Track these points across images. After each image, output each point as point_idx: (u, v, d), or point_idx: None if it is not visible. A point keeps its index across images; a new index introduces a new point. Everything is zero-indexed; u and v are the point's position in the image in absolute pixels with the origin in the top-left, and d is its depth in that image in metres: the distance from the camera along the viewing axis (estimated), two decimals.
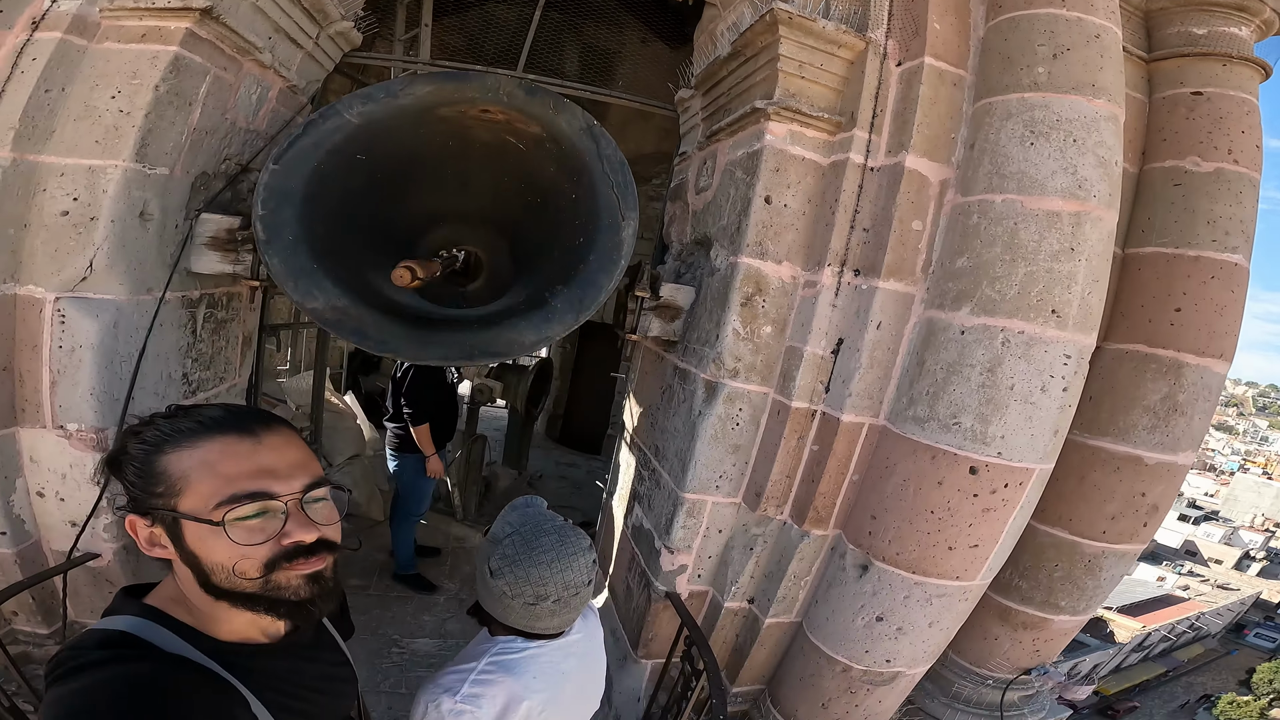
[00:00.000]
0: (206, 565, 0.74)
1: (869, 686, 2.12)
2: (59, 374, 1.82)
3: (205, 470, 0.73)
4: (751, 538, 2.23)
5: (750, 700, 2.51)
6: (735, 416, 2.16)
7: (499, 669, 1.25)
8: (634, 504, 2.71)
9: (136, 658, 0.69)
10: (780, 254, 2.06)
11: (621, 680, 2.63)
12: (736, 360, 2.11)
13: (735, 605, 2.32)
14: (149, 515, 0.75)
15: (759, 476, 2.19)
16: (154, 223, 1.94)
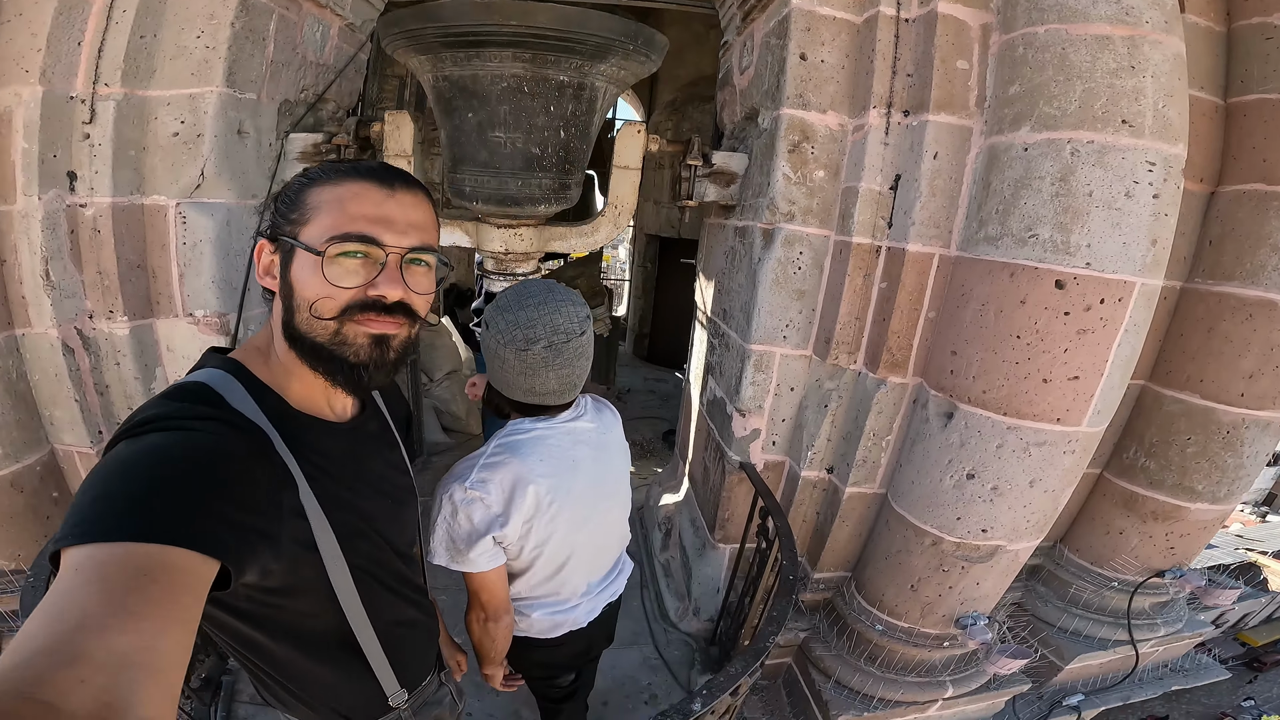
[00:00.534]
0: (296, 300, 0.77)
1: (964, 563, 1.97)
2: (185, 266, 2.13)
3: (334, 205, 0.76)
4: (825, 393, 2.17)
5: (834, 587, 2.44)
6: (796, 260, 2.10)
7: (505, 450, 1.28)
8: (707, 378, 2.72)
9: (201, 425, 0.68)
10: (824, 104, 2.03)
11: (700, 569, 2.68)
12: (790, 204, 2.07)
13: (813, 475, 2.28)
14: (276, 242, 0.79)
15: (827, 322, 2.10)
16: (250, 139, 2.21)
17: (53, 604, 0.47)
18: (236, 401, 0.75)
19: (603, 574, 1.56)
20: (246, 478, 0.67)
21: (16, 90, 1.80)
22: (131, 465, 0.60)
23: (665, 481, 3.44)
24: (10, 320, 1.94)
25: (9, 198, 1.86)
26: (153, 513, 0.55)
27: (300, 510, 0.78)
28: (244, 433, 0.72)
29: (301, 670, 0.89)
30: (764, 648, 1.51)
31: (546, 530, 1.31)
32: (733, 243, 2.43)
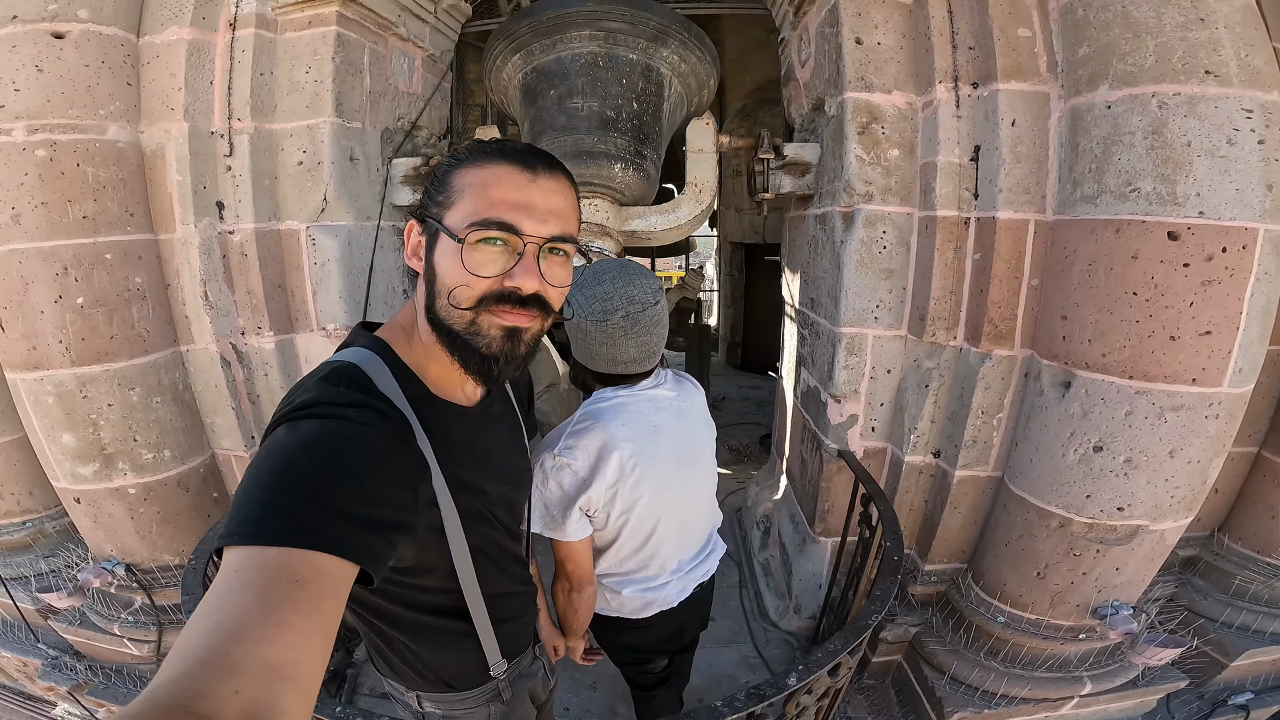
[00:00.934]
0: (438, 285, 0.78)
1: (1099, 546, 1.82)
2: (317, 284, 2.41)
3: (478, 190, 0.75)
4: (925, 373, 2.12)
5: (948, 579, 2.32)
6: (880, 240, 2.10)
7: (589, 418, 1.35)
8: (800, 370, 2.71)
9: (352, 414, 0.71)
10: (888, 84, 2.07)
11: (801, 565, 2.65)
12: (867, 184, 2.08)
13: (918, 459, 2.21)
14: (423, 223, 0.80)
15: (920, 299, 2.06)
16: (361, 165, 2.49)
17: (213, 608, 0.52)
18: (383, 385, 0.77)
19: (692, 552, 1.57)
20: (390, 473, 0.71)
21: (165, 127, 2.12)
22: (290, 462, 0.64)
23: (763, 481, 3.42)
24: (176, 337, 2.28)
25: (169, 227, 2.19)
26: (306, 518, 0.59)
27: (433, 499, 0.82)
28: (389, 421, 0.74)
29: (414, 639, 0.95)
30: (866, 625, 1.46)
31: (631, 496, 1.35)
32: (814, 231, 2.45)
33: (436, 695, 1.03)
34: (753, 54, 5.54)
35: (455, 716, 1.06)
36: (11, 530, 2.64)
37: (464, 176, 0.77)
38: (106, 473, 2.16)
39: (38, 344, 1.98)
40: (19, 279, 1.93)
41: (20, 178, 1.88)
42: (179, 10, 2.08)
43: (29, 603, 2.64)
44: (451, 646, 0.98)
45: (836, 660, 1.37)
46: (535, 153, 0.79)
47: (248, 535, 0.57)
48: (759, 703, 1.24)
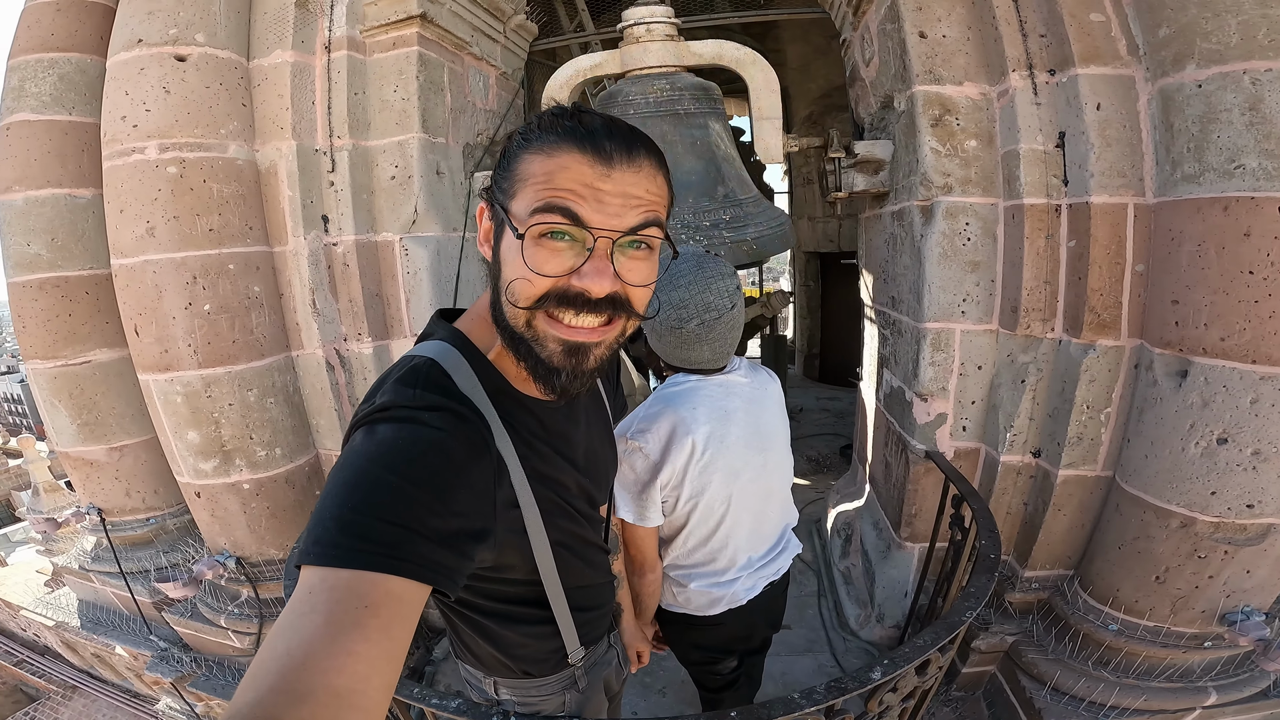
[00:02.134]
0: (501, 278, 0.73)
1: (1227, 547, 1.71)
2: (410, 292, 2.58)
3: (544, 179, 0.68)
4: (1020, 368, 2.06)
5: (1051, 586, 2.20)
6: (963, 231, 2.07)
7: (661, 402, 1.36)
8: (881, 371, 2.67)
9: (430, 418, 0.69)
10: (958, 76, 2.07)
11: (884, 573, 2.59)
12: (945, 176, 2.07)
13: (1015, 459, 2.14)
14: (492, 207, 0.75)
15: (1010, 290, 2.02)
16: (446, 178, 2.67)
17: (287, 629, 0.54)
18: (461, 382, 0.75)
19: (764, 548, 1.54)
20: (468, 480, 0.69)
21: (277, 145, 2.34)
22: (364, 475, 0.63)
23: (844, 489, 3.37)
24: (288, 343, 2.48)
25: (282, 239, 2.40)
26: (378, 539, 0.59)
27: (514, 499, 0.80)
28: (467, 424, 0.72)
29: (495, 626, 0.95)
30: (959, 620, 1.38)
31: (701, 480, 1.35)
32: (892, 228, 2.43)
33: (514, 682, 1.04)
34: (816, 61, 5.59)
35: (531, 703, 1.06)
36: (136, 526, 2.89)
37: (529, 164, 0.69)
38: (225, 468, 2.36)
39: (169, 347, 2.20)
40: (153, 287, 2.15)
41: (154, 193, 2.12)
42: (281, 34, 2.30)
43: (146, 596, 2.88)
44: (531, 634, 0.98)
45: (925, 657, 1.30)
46: (613, 131, 0.69)
47: (321, 556, 0.58)
48: (839, 696, 1.18)
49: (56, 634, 3.81)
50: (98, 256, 2.55)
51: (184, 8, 2.11)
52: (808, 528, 3.54)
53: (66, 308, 2.57)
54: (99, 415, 2.68)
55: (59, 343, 2.58)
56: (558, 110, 0.71)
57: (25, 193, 2.49)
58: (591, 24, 3.79)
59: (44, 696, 6.39)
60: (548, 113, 0.71)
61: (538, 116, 0.72)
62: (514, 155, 0.71)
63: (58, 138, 2.48)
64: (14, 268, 2.55)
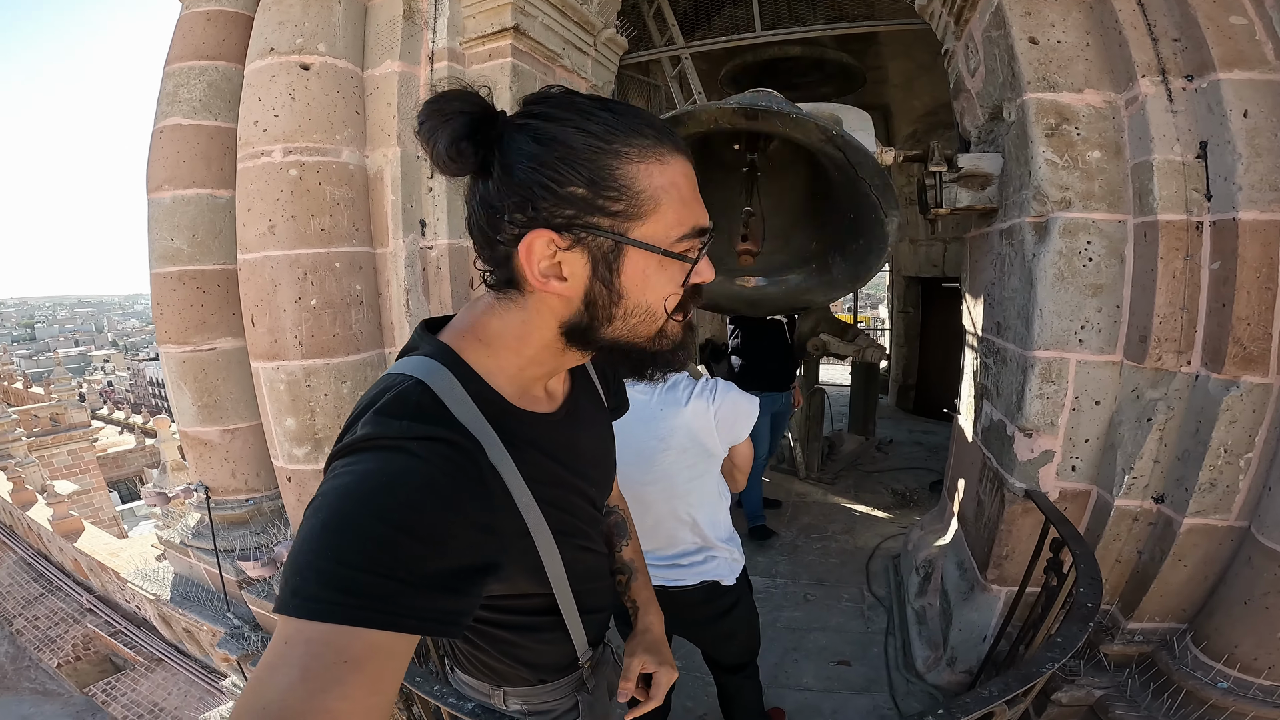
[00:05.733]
0: (625, 305, 0.67)
1: None
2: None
3: (674, 193, 0.65)
4: (1147, 405, 1.83)
5: (1156, 640, 1.98)
6: (1083, 250, 1.87)
7: None
8: (981, 403, 2.46)
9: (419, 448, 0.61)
10: (1076, 83, 1.90)
11: (964, 614, 2.38)
12: (1063, 190, 1.88)
13: (1132, 504, 1.90)
14: (572, 233, 0.63)
15: (1139, 318, 1.80)
16: None
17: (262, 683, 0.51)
18: (456, 406, 0.67)
19: (656, 548, 1.59)
20: (466, 517, 0.62)
21: (384, 151, 2.44)
22: (344, 516, 0.56)
23: (929, 525, 3.13)
24: (382, 340, 2.56)
25: (384, 241, 2.51)
26: (365, 594, 0.53)
27: (523, 530, 0.74)
28: (464, 454, 0.64)
29: (512, 638, 0.91)
30: (1035, 672, 1.25)
31: None
32: (999, 248, 2.25)
33: (526, 690, 1.00)
34: (920, 78, 5.37)
35: (542, 710, 1.02)
36: (235, 506, 3.06)
37: (648, 177, 0.64)
38: (314, 455, 2.45)
39: (278, 337, 2.32)
40: (270, 281, 2.29)
41: (277, 194, 2.26)
42: (391, 45, 2.41)
43: (231, 574, 3.01)
44: (547, 640, 0.94)
45: (989, 708, 1.16)
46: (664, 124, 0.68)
47: (301, 609, 0.53)
48: None
49: (155, 607, 4.01)
50: (230, 253, 2.69)
51: (309, 18, 2.26)
52: (884, 563, 3.33)
53: (200, 298, 2.72)
54: (218, 399, 2.85)
55: (190, 330, 2.74)
56: (621, 107, 0.65)
57: (173, 192, 2.66)
58: (682, 38, 3.78)
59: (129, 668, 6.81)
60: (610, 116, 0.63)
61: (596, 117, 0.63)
62: (610, 167, 0.62)
63: (204, 141, 2.66)
64: (157, 259, 2.72)
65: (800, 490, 4.47)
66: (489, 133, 0.63)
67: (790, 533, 3.81)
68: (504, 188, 0.62)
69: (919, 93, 5.64)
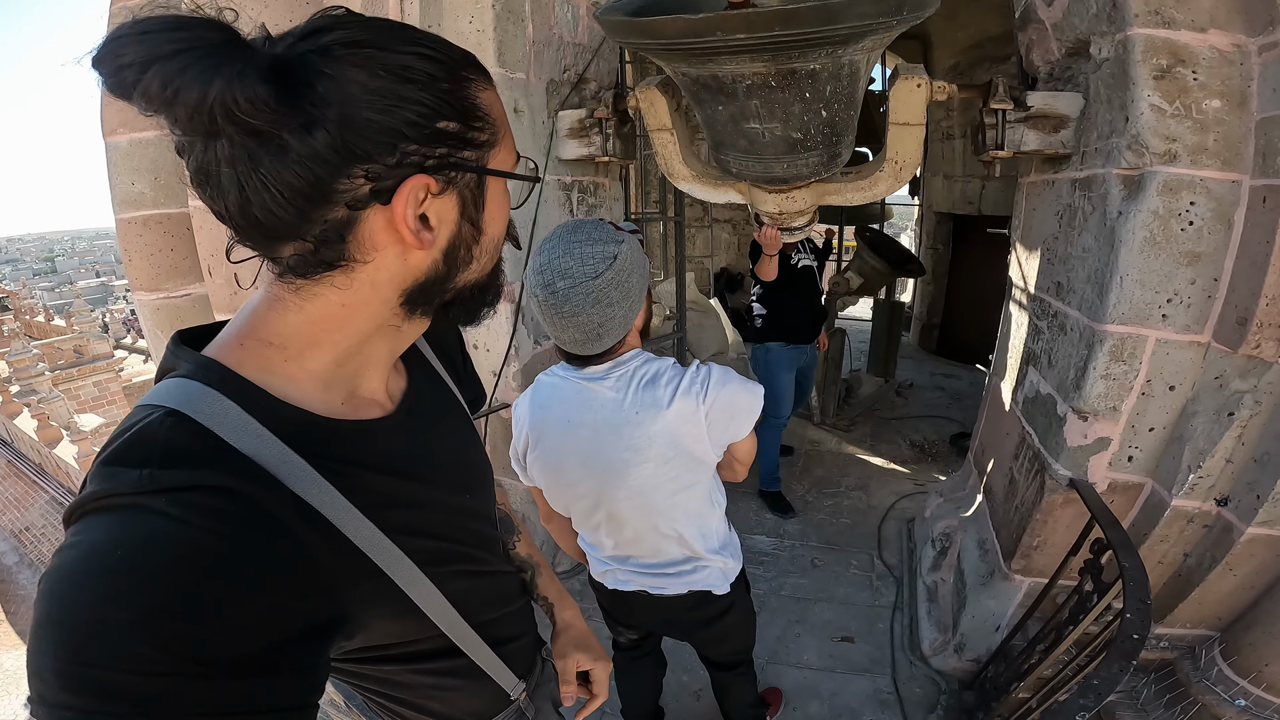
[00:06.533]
0: (481, 245, 0.59)
1: None
2: None
3: (504, 116, 0.59)
4: (1230, 396, 1.54)
5: (1182, 648, 1.86)
6: (1185, 213, 1.53)
7: (533, 384, 1.33)
8: (1026, 370, 2.18)
9: (168, 507, 0.44)
10: (1200, 21, 1.51)
11: (980, 601, 2.21)
12: (1169, 142, 1.52)
13: (1191, 505, 1.66)
14: (444, 173, 0.53)
15: (1241, 296, 1.48)
16: (525, 117, 2.37)
17: None
18: (235, 435, 0.50)
19: (638, 556, 1.41)
20: (251, 583, 0.46)
21: None
22: (84, 608, 0.41)
23: (950, 492, 2.92)
24: None
25: None
26: (126, 696, 0.40)
27: (370, 569, 0.58)
28: (241, 500, 0.47)
29: (418, 690, 0.77)
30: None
31: (538, 475, 1.34)
32: (1070, 199, 1.90)
33: None
34: (966, 8, 4.73)
35: None
36: None
37: (492, 100, 0.57)
38: None
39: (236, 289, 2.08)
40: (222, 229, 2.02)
41: None
42: None
43: None
44: (459, 686, 0.80)
45: None
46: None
47: (49, 716, 0.40)
48: None
49: None
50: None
51: None
52: (898, 526, 3.15)
53: (169, 243, 2.61)
54: None
55: (161, 276, 2.65)
56: (427, 33, 0.53)
57: (129, 135, 2.50)
58: None
59: None
60: (424, 34, 0.53)
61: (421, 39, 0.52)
62: (471, 95, 0.54)
63: None
64: (120, 204, 2.60)
65: (814, 437, 4.25)
66: (298, 73, 0.45)
67: (802, 486, 3.63)
68: (347, 138, 0.47)
69: (964, 23, 4.98)
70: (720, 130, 1.79)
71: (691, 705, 2.21)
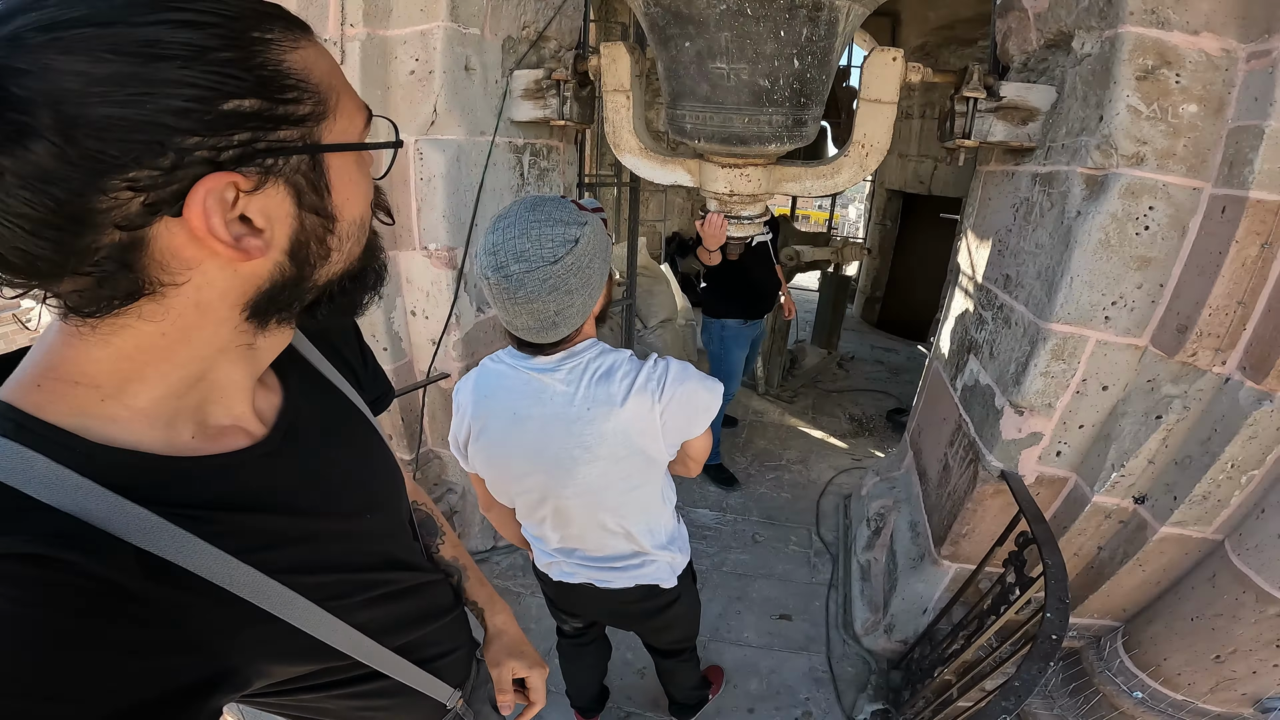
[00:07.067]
0: (342, 230, 0.51)
1: None
2: (422, 200, 2.21)
3: (337, 75, 0.49)
4: (1160, 400, 1.58)
5: (1088, 637, 1.95)
6: (1142, 217, 1.52)
7: (478, 368, 1.21)
8: (967, 357, 2.20)
9: None
10: (1195, 23, 1.45)
11: (909, 584, 2.27)
12: (1139, 144, 1.49)
13: (1111, 501, 1.72)
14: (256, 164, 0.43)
15: (1184, 303, 1.50)
16: (477, 75, 2.19)
17: None
18: (46, 489, 0.41)
19: (585, 549, 1.35)
20: (60, 657, 0.38)
21: None
22: None
23: (885, 471, 2.98)
24: None
25: None
26: None
27: (256, 615, 0.51)
28: (51, 566, 0.39)
29: (345, 714, 0.72)
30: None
31: (480, 466, 1.25)
32: (1028, 193, 1.88)
33: None
34: None
35: None
36: None
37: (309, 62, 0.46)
38: None
39: None
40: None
41: None
42: None
43: None
44: (392, 703, 0.76)
45: None
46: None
47: None
48: None
49: None
50: None
51: None
52: (836, 502, 3.21)
53: None
54: None
55: None
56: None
57: None
58: None
59: None
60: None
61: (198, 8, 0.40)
62: (273, 60, 0.43)
63: None
64: None
65: (758, 408, 4.28)
66: None
67: (745, 459, 3.66)
68: (83, 144, 0.36)
69: (938, 2, 4.91)
70: (683, 75, 1.68)
71: (635, 683, 2.22)
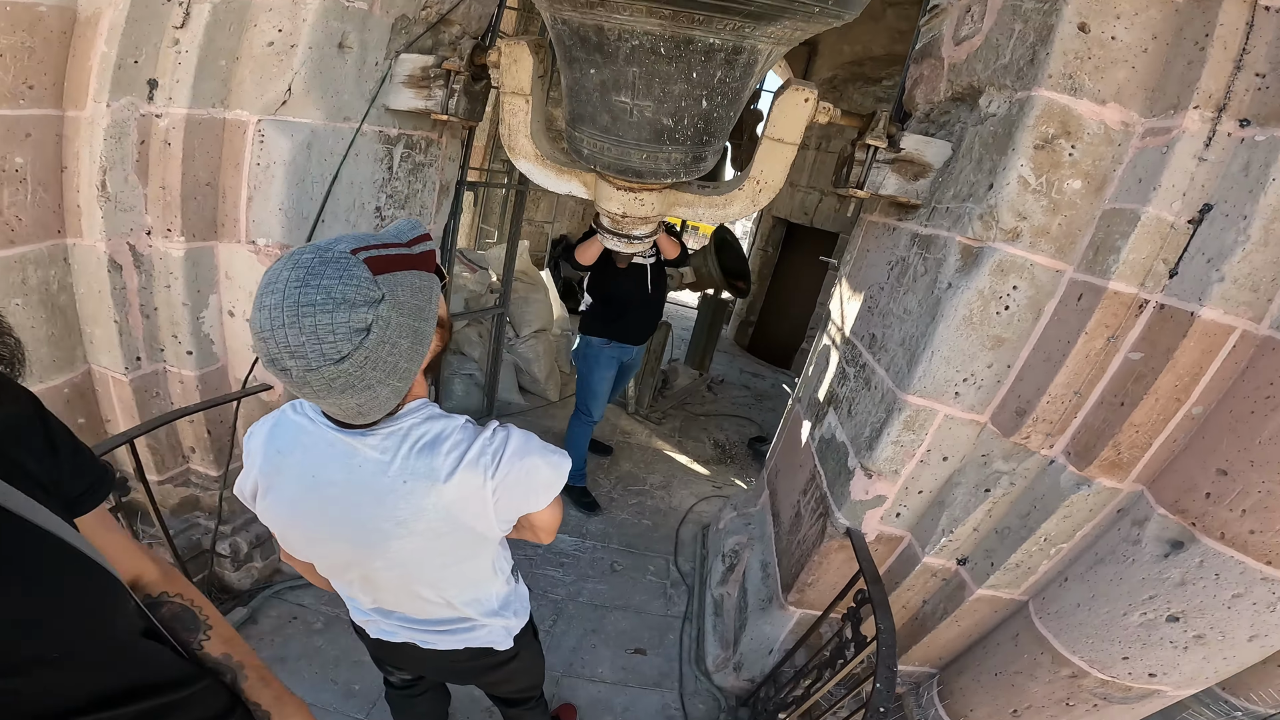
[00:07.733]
0: None
1: (1099, 701, 1.56)
2: (255, 189, 1.89)
3: None
4: (991, 475, 1.67)
5: (910, 683, 2.07)
6: (1005, 296, 1.53)
7: (275, 415, 1.00)
8: (827, 410, 2.24)
9: None
10: (1105, 93, 1.42)
11: (757, 625, 2.30)
12: (1019, 218, 1.48)
13: (938, 563, 1.81)
14: None
15: (1026, 387, 1.57)
16: (353, 55, 1.91)
17: None
18: None
19: (403, 613, 1.17)
20: None
21: None
22: None
23: (742, 506, 3.01)
24: (62, 228, 1.72)
25: (80, 103, 1.64)
26: None
27: None
28: None
29: None
30: None
31: (270, 523, 1.02)
32: (906, 253, 1.91)
33: None
34: (860, 22, 4.86)
35: None
36: None
37: None
38: None
39: None
40: None
41: None
42: None
43: None
44: None
45: None
46: None
47: None
48: None
49: None
50: None
51: None
52: (695, 531, 3.21)
53: None
54: None
55: None
56: None
57: None
58: None
59: None
60: None
61: None
62: None
63: None
64: None
65: (627, 428, 4.23)
66: None
67: (609, 481, 3.57)
68: None
69: (854, 39, 5.08)
70: (584, 100, 1.52)
71: None
